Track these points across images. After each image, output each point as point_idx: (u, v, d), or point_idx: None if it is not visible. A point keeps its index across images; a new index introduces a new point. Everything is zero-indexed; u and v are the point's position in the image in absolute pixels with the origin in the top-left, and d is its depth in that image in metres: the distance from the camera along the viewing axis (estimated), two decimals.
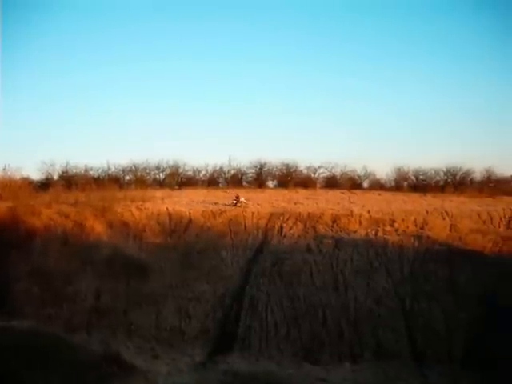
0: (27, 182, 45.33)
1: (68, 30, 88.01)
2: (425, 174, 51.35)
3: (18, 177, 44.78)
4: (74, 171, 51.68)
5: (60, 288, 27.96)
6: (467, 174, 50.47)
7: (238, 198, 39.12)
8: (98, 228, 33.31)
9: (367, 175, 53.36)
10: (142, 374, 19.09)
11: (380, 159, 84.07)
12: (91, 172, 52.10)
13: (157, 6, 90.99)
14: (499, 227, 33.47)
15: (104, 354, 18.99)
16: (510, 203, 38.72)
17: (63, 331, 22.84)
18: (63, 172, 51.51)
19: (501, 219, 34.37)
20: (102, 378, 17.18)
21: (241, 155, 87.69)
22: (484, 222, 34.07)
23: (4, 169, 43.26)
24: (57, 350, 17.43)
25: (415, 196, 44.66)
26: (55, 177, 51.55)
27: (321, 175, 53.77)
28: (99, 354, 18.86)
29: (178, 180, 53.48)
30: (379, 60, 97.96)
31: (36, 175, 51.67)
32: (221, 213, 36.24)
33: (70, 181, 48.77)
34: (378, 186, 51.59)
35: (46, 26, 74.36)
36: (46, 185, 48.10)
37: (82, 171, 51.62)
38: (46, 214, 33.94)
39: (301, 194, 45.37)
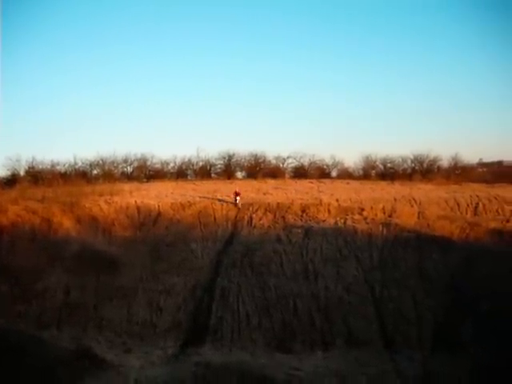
0: None
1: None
2: (392, 161, 51.97)
3: None
4: (41, 167, 50.84)
5: (29, 285, 27.61)
6: (434, 161, 51.24)
7: (237, 194, 37.18)
8: (66, 223, 32.97)
9: (335, 164, 53.89)
10: (115, 369, 19.00)
11: (348, 148, 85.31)
12: (58, 167, 51.35)
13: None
14: (466, 213, 34.12)
15: (75, 349, 18.86)
16: (477, 190, 39.48)
17: (33, 328, 22.60)
18: (29, 167, 50.58)
19: (468, 206, 35.03)
20: (73, 373, 17.04)
21: (209, 147, 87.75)
22: (451, 208, 34.69)
23: None
24: (27, 347, 17.24)
25: (383, 184, 45.22)
26: (21, 173, 50.65)
27: (289, 165, 54.13)
28: (70, 350, 18.72)
29: (146, 173, 53.18)
30: (345, 51, 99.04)
31: (1, 171, 50.85)
32: (190, 205, 36.18)
33: (36, 176, 48.10)
34: (346, 174, 52.10)
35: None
36: (11, 181, 47.29)
37: (49, 166, 50.86)
38: (13, 211, 33.46)
39: (270, 184, 45.54)
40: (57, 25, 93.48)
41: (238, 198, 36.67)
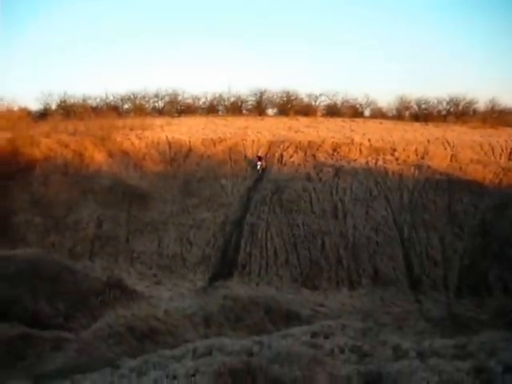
0: (25, 113, 44.77)
1: None
2: (427, 103, 50.48)
3: (15, 107, 44.32)
4: (72, 101, 50.94)
5: (62, 217, 28.29)
6: (470, 103, 49.48)
7: (260, 159, 33.92)
8: (97, 157, 33.29)
9: (369, 103, 52.64)
10: (145, 299, 19.48)
11: (382, 87, 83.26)
12: (89, 101, 51.30)
13: None
14: (500, 158, 33.24)
15: (107, 280, 19.32)
16: None
17: (67, 258, 23.20)
18: (61, 101, 50.73)
19: (502, 150, 34.05)
20: (105, 303, 17.54)
21: (241, 83, 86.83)
22: (485, 152, 33.85)
23: (1, 99, 42.80)
24: (61, 276, 17.72)
25: (417, 125, 44.27)
26: (53, 107, 50.86)
27: (322, 103, 53.03)
28: (102, 281, 19.19)
29: (178, 108, 52.84)
30: None
31: (34, 105, 51.06)
32: (221, 141, 36.11)
33: (68, 110, 48.15)
34: (379, 114, 51.00)
35: None
36: (44, 115, 47.45)
37: (80, 100, 50.90)
38: (46, 144, 33.77)
39: (301, 122, 44.96)
40: None
41: (259, 163, 33.67)
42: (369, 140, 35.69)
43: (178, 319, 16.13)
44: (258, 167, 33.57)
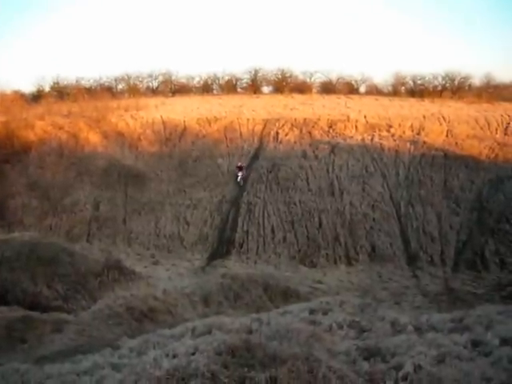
0: (19, 95, 44.36)
1: None
2: (423, 78, 50.04)
3: (8, 90, 43.92)
4: (66, 82, 50.39)
5: (59, 199, 28.27)
6: (466, 78, 48.96)
7: (240, 169, 30.71)
8: (92, 139, 33.17)
9: (364, 80, 52.20)
10: (144, 280, 19.54)
11: (378, 63, 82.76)
12: (83, 82, 50.74)
13: None
14: (496, 133, 33.16)
15: (105, 261, 19.33)
16: (509, 109, 38.10)
17: (64, 241, 23.19)
18: (54, 83, 50.20)
19: (498, 125, 33.93)
20: (104, 284, 17.59)
21: (235, 61, 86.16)
22: (481, 127, 33.73)
23: None
24: (59, 259, 17.73)
25: (412, 101, 43.99)
26: (47, 89, 50.36)
27: (317, 80, 52.55)
28: (101, 262, 19.20)
29: (172, 87, 52.40)
30: None
31: (27, 87, 50.54)
32: (216, 120, 35.95)
33: (61, 92, 47.76)
34: (375, 90, 50.59)
35: None
36: (37, 97, 46.99)
37: (74, 82, 50.35)
38: (40, 127, 33.62)
39: (296, 99, 44.67)
40: None
41: (240, 173, 30.63)
42: (364, 116, 35.56)
43: (177, 298, 16.20)
44: (239, 179, 30.55)
